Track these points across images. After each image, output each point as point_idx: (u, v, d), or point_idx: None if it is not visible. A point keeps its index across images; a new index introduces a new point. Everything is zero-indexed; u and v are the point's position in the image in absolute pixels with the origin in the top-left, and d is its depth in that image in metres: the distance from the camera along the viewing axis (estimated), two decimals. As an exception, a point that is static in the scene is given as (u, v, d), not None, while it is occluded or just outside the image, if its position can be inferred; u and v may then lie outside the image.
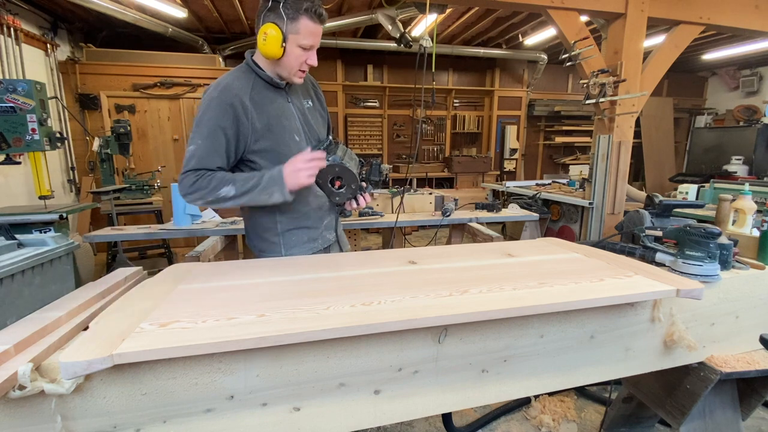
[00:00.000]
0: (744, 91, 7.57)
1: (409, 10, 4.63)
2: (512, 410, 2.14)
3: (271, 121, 1.37)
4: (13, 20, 3.87)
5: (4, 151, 2.49)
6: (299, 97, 1.48)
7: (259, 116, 1.35)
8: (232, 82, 1.33)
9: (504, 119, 7.46)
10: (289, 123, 1.41)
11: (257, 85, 1.37)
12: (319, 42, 1.35)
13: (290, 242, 1.49)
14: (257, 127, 1.34)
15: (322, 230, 1.55)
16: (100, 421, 0.80)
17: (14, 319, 0.96)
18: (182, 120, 5.12)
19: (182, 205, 2.49)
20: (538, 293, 1.02)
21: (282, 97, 1.42)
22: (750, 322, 1.38)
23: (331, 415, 0.94)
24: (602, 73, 3.14)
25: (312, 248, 1.52)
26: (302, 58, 1.33)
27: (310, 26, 1.29)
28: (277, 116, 1.38)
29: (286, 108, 1.42)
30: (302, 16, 1.27)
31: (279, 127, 1.38)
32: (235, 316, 0.87)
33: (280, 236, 1.48)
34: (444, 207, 2.98)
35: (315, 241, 1.53)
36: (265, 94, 1.38)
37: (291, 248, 1.49)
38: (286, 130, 1.39)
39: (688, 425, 1.37)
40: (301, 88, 1.50)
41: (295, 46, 1.30)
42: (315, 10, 1.28)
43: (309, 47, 1.32)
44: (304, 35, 1.29)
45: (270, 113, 1.37)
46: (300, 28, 1.28)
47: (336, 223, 1.64)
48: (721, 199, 2.03)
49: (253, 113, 1.33)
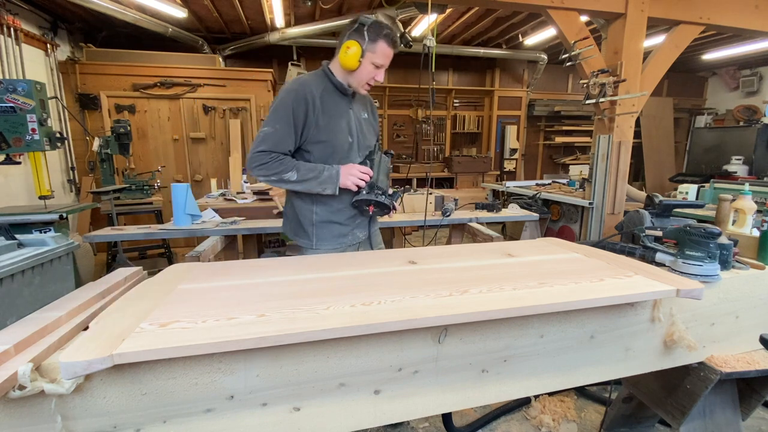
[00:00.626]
0: (744, 91, 7.57)
1: (409, 10, 4.64)
2: (512, 410, 2.14)
3: (332, 120, 1.59)
4: (13, 20, 3.86)
5: (4, 151, 2.49)
6: (359, 107, 1.71)
7: (323, 114, 1.57)
8: (309, 80, 1.57)
9: (504, 119, 7.46)
10: (347, 125, 1.63)
11: (328, 89, 1.60)
12: (389, 63, 1.59)
13: (322, 234, 1.66)
14: (320, 123, 1.56)
15: (353, 228, 1.71)
16: (100, 421, 0.80)
17: (14, 319, 0.96)
18: (182, 120, 5.12)
19: (182, 205, 2.49)
20: (538, 293, 1.02)
21: (346, 103, 1.64)
22: (750, 322, 1.38)
23: (331, 415, 0.94)
24: (602, 73, 3.14)
25: (341, 243, 1.69)
26: (372, 74, 1.57)
27: (386, 50, 1.54)
28: (338, 117, 1.61)
29: (347, 113, 1.64)
30: (381, 40, 1.52)
31: (337, 126, 1.60)
32: (235, 316, 0.87)
33: (314, 226, 1.66)
34: (444, 207, 2.98)
35: (345, 237, 1.70)
36: (333, 98, 1.60)
37: (321, 239, 1.67)
38: (342, 131, 1.62)
39: (688, 425, 1.37)
40: (362, 101, 1.74)
41: (369, 63, 1.54)
42: (392, 37, 1.54)
43: (380, 66, 1.57)
44: (379, 56, 1.54)
45: (332, 113, 1.59)
46: (377, 49, 1.53)
47: (369, 223, 1.79)
48: (721, 199, 2.03)
49: (320, 110, 1.56)
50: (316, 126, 1.56)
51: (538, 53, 6.68)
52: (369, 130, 1.75)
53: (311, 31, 5.33)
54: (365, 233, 1.77)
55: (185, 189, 2.50)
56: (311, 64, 6.40)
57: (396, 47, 1.56)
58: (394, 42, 1.54)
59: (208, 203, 3.19)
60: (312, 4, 4.65)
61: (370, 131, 1.75)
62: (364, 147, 1.70)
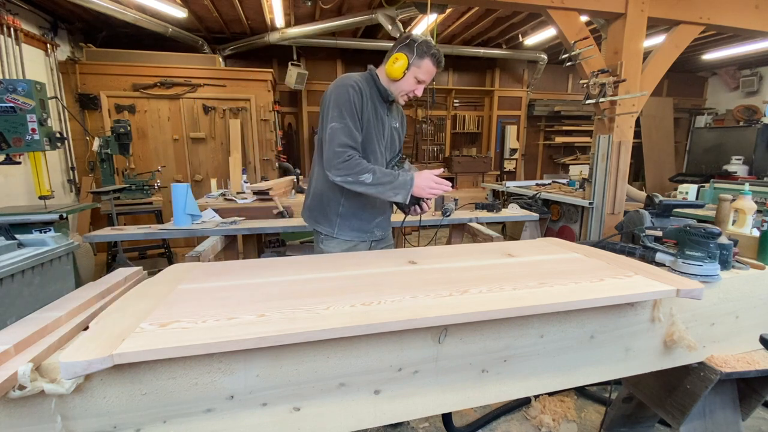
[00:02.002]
0: (744, 91, 7.57)
1: (409, 10, 4.64)
2: (512, 410, 2.14)
3: (371, 121, 1.65)
4: (13, 20, 3.86)
5: (4, 151, 2.49)
6: (393, 115, 1.78)
7: (365, 114, 1.62)
8: (359, 79, 1.63)
9: (504, 119, 7.46)
10: (381, 130, 1.70)
11: (375, 92, 1.67)
12: (430, 80, 1.66)
13: (344, 225, 1.72)
14: (364, 120, 1.62)
15: (373, 226, 1.78)
16: (100, 421, 0.80)
17: (14, 319, 0.96)
18: (182, 120, 5.12)
19: (182, 205, 2.49)
20: (538, 293, 1.02)
21: (384, 109, 1.71)
22: (750, 322, 1.37)
23: (331, 415, 0.94)
24: (602, 73, 3.14)
25: (360, 237, 1.75)
26: (412, 87, 1.64)
27: (431, 67, 1.61)
28: (376, 121, 1.67)
29: (384, 118, 1.71)
30: (427, 58, 1.59)
31: (373, 129, 1.66)
32: (235, 316, 0.87)
33: (339, 217, 1.72)
34: (444, 207, 2.97)
35: (364, 233, 1.76)
36: (375, 100, 1.67)
37: (343, 230, 1.73)
38: (376, 134, 1.68)
39: (688, 425, 1.37)
40: (396, 111, 1.81)
41: (413, 76, 1.62)
42: (438, 57, 1.61)
43: (422, 81, 1.64)
44: (423, 71, 1.61)
45: (372, 115, 1.65)
46: (422, 65, 1.60)
47: (387, 223, 1.86)
48: (721, 199, 2.03)
49: (369, 109, 1.63)
50: (363, 125, 1.62)
51: (538, 53, 6.68)
52: (396, 140, 1.83)
53: (311, 31, 5.33)
54: (383, 233, 1.84)
55: (185, 189, 2.50)
56: (311, 64, 6.40)
57: (440, 67, 1.63)
58: (439, 62, 1.62)
59: (208, 203, 3.20)
60: (312, 4, 4.65)
61: (397, 140, 1.84)
62: (389, 155, 1.78)
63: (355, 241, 1.76)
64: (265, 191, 3.31)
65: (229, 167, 5.08)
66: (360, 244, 1.76)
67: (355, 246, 1.75)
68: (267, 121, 5.42)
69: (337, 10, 5.12)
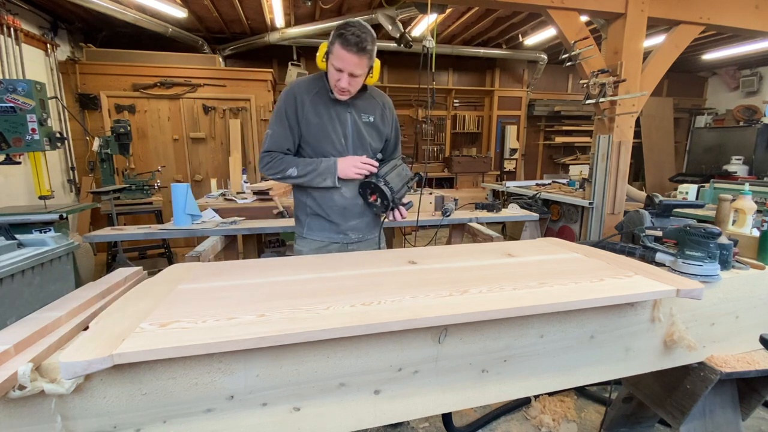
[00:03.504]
0: (744, 91, 7.57)
1: (409, 10, 4.63)
2: (512, 410, 2.14)
3: (324, 121, 1.61)
4: (13, 20, 3.86)
5: (4, 151, 2.49)
6: (364, 110, 1.69)
7: (314, 114, 1.60)
8: (302, 81, 1.63)
9: (504, 119, 7.46)
10: (340, 127, 1.64)
11: (322, 92, 1.61)
12: (355, 70, 1.49)
13: (313, 225, 1.74)
14: (310, 123, 1.60)
15: (347, 229, 1.73)
16: (100, 421, 0.80)
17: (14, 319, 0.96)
18: (182, 120, 5.12)
19: (182, 205, 2.49)
20: (538, 293, 1.02)
21: (342, 106, 1.63)
22: (750, 322, 1.37)
23: (331, 415, 0.94)
24: (602, 73, 3.14)
25: (330, 238, 1.73)
26: (335, 77, 1.52)
27: (339, 51, 1.45)
28: (331, 119, 1.62)
29: (343, 115, 1.64)
30: (336, 40, 1.45)
31: (328, 128, 1.62)
32: (235, 316, 0.87)
33: (308, 217, 1.74)
34: (444, 207, 2.98)
35: (337, 234, 1.73)
36: (326, 100, 1.61)
37: (311, 229, 1.74)
38: (333, 133, 1.63)
39: (688, 425, 1.37)
40: (368, 104, 1.70)
41: (331, 65, 1.51)
42: (347, 38, 1.43)
43: (338, 69, 1.49)
44: (334, 57, 1.48)
45: (325, 115, 1.61)
46: (333, 50, 1.48)
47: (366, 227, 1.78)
48: (721, 199, 2.03)
49: (310, 110, 1.59)
50: (306, 125, 1.61)
51: (538, 53, 6.68)
52: (372, 135, 1.71)
53: (311, 31, 5.33)
54: (360, 235, 1.77)
55: (185, 189, 2.50)
56: (311, 64, 6.40)
57: (351, 48, 1.42)
58: (349, 43, 1.41)
59: (208, 203, 3.19)
60: (312, 4, 4.64)
61: (373, 135, 1.72)
62: (362, 151, 1.69)
63: (325, 242, 1.73)
64: (265, 191, 3.31)
65: (229, 167, 5.08)
66: (331, 245, 1.73)
67: (326, 246, 1.73)
68: (267, 121, 5.42)
69: (337, 10, 5.12)
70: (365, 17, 5.00)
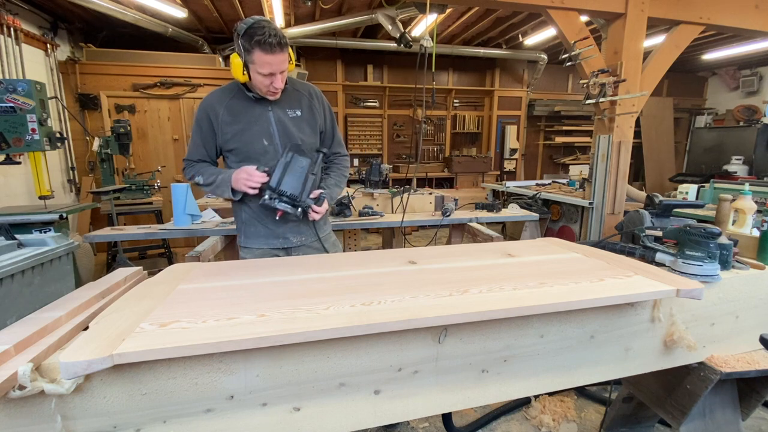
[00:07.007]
0: (744, 91, 7.57)
1: (409, 10, 4.63)
2: (512, 410, 2.14)
3: (243, 126, 1.58)
4: (13, 20, 3.86)
5: (4, 151, 2.49)
6: (284, 106, 1.63)
7: (232, 121, 1.58)
8: (216, 93, 1.60)
9: (504, 119, 7.45)
10: (261, 128, 1.60)
11: (238, 96, 1.58)
12: (284, 67, 1.45)
13: (249, 232, 1.72)
14: (228, 130, 1.58)
15: (285, 231, 1.71)
16: (100, 421, 0.80)
17: (14, 319, 0.96)
18: (182, 120, 5.12)
19: (182, 205, 2.49)
20: (538, 293, 1.02)
21: (261, 106, 1.59)
22: (750, 322, 1.37)
23: (331, 415, 0.94)
24: (602, 73, 3.13)
25: (268, 243, 1.71)
26: (266, 82, 1.47)
27: (264, 57, 1.39)
28: (250, 122, 1.58)
29: (263, 115, 1.60)
30: (255, 48, 1.38)
31: (250, 131, 1.59)
32: (235, 316, 0.87)
33: (244, 224, 1.73)
34: (444, 207, 2.98)
35: (275, 239, 1.71)
36: (243, 104, 1.58)
37: (249, 237, 1.73)
38: (255, 135, 1.60)
39: (688, 425, 1.37)
40: (291, 99, 1.64)
41: (256, 73, 1.44)
42: (266, 41, 1.35)
43: (269, 74, 1.44)
44: (259, 65, 1.41)
45: (243, 119, 1.58)
46: (255, 59, 1.40)
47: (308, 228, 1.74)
48: (721, 199, 2.03)
49: (226, 119, 1.58)
50: (223, 134, 1.60)
51: (538, 53, 6.68)
52: (303, 129, 1.64)
53: (311, 31, 5.33)
54: (301, 238, 1.73)
55: (185, 189, 2.50)
56: (311, 64, 6.40)
57: (275, 49, 1.38)
58: (271, 45, 1.36)
59: (208, 203, 3.19)
60: (312, 4, 4.64)
61: (304, 130, 1.65)
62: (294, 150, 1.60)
63: (264, 248, 1.69)
64: (265, 191, 3.30)
65: (229, 167, 5.07)
66: (273, 251, 1.69)
67: (268, 254, 1.69)
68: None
69: (337, 10, 5.11)
70: (365, 17, 5.00)
